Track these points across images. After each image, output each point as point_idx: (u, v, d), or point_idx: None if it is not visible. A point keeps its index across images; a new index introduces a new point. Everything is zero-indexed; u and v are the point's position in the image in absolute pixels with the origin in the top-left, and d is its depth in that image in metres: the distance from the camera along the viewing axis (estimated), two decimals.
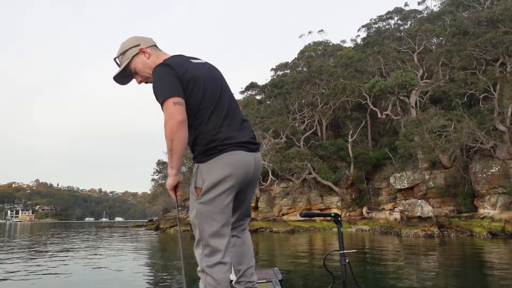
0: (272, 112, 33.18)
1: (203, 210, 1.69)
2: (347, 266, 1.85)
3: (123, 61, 1.87)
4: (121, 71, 1.87)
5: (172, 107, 1.61)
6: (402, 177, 25.17)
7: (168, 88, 1.66)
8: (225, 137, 1.71)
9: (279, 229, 27.28)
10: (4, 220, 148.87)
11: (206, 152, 1.71)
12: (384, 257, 10.85)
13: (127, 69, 1.88)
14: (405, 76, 22.66)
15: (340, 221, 1.94)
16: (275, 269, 2.31)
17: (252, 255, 1.95)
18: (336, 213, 1.98)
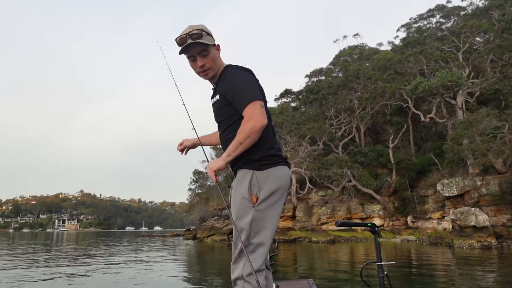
0: (308, 118, 32.41)
1: (259, 217, 1.72)
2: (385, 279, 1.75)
3: (206, 40, 1.88)
4: (203, 44, 1.86)
5: (260, 108, 1.74)
6: (450, 184, 23.49)
7: (256, 91, 1.79)
8: (278, 148, 1.88)
9: (318, 239, 26.30)
10: (52, 229, 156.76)
11: (264, 161, 1.79)
12: (434, 271, 9.82)
13: (208, 49, 1.89)
14: (451, 76, 21.19)
15: (378, 231, 1.87)
16: (309, 280, 2.19)
17: None
18: (373, 223, 1.91)
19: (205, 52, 1.87)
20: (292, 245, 23.68)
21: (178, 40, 1.87)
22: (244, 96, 1.76)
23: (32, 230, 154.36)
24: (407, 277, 8.66)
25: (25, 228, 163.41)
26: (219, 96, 1.91)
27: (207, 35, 1.89)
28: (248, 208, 1.71)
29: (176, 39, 1.87)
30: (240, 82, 1.81)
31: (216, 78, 1.96)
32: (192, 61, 1.91)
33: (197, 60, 1.89)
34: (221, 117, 1.94)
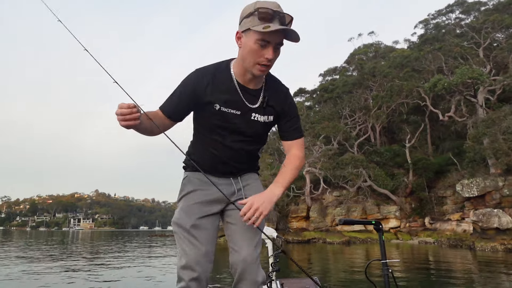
0: (323, 117, 31.89)
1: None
2: (390, 277, 1.74)
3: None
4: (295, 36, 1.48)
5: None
6: (471, 184, 22.69)
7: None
8: None
9: (333, 240, 25.84)
10: (67, 228, 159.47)
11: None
12: (455, 273, 9.35)
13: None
14: (472, 72, 20.42)
15: (382, 229, 1.84)
16: (315, 278, 2.13)
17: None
18: (377, 221, 1.86)
19: (281, 45, 1.51)
20: (306, 246, 23.32)
21: (277, 14, 1.44)
22: (300, 127, 1.72)
23: (49, 228, 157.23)
24: (426, 280, 8.24)
25: (41, 226, 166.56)
26: (273, 111, 1.67)
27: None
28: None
29: (272, 10, 1.43)
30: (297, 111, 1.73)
31: (260, 84, 1.64)
32: (260, 47, 1.46)
33: (271, 50, 1.47)
34: (262, 135, 1.74)
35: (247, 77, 1.58)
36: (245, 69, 1.56)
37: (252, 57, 1.49)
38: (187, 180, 1.77)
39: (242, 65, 1.55)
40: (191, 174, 1.77)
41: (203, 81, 1.58)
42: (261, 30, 1.40)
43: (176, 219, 1.68)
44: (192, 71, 1.63)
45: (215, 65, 1.63)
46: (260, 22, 1.41)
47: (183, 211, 1.68)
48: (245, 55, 1.51)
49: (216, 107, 1.60)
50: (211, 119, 1.63)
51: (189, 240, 1.61)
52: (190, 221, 1.64)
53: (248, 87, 1.61)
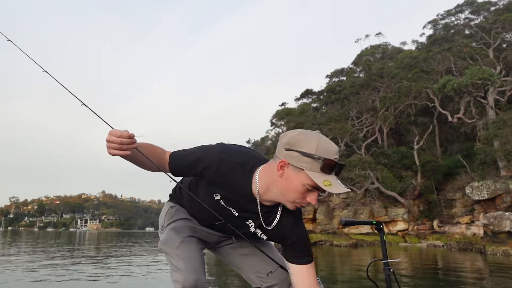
0: (330, 118, 31.68)
1: None
2: (392, 276, 1.75)
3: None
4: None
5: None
6: (481, 187, 22.34)
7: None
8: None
9: (340, 243, 25.62)
10: (74, 229, 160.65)
11: None
12: (465, 278, 9.11)
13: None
14: (482, 73, 20.12)
15: (383, 229, 1.84)
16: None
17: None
18: (378, 221, 1.86)
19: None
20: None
21: (337, 166, 1.31)
22: (310, 251, 1.54)
23: (56, 229, 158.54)
24: (435, 283, 8.04)
25: (49, 227, 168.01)
26: (274, 236, 1.55)
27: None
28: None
29: (335, 162, 1.30)
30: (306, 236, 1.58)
31: (274, 203, 1.48)
32: (307, 190, 1.34)
33: (315, 196, 1.37)
34: (248, 236, 1.60)
35: (269, 197, 1.43)
36: (275, 196, 1.41)
37: (294, 196, 1.35)
38: (178, 208, 1.69)
39: (274, 192, 1.40)
40: (180, 207, 1.70)
41: (219, 168, 1.43)
42: (320, 185, 1.28)
43: (164, 239, 1.57)
44: (216, 147, 1.48)
45: (242, 159, 1.45)
46: (320, 172, 1.28)
47: (173, 231, 1.59)
48: (285, 189, 1.35)
49: (216, 197, 1.50)
50: (205, 200, 1.52)
51: (181, 257, 1.48)
52: (179, 238, 1.54)
53: (262, 202, 1.46)
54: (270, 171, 1.39)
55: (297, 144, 1.31)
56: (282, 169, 1.34)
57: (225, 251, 1.75)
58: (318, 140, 1.30)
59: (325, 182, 1.27)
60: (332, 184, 1.27)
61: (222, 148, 1.48)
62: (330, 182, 1.27)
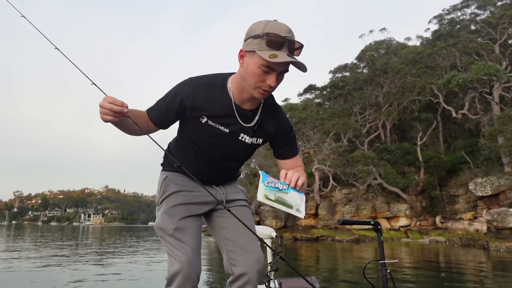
0: (333, 114, 31.53)
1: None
2: (389, 277, 1.77)
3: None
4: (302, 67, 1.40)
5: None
6: (484, 183, 22.21)
7: None
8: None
9: (342, 238, 25.59)
10: (78, 223, 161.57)
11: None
12: (466, 273, 9.04)
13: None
14: (488, 68, 19.91)
15: (381, 230, 1.86)
16: (312, 278, 2.16)
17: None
18: (376, 221, 1.89)
19: (285, 72, 1.43)
20: (315, 244, 23.10)
21: (287, 41, 1.33)
22: (296, 146, 1.70)
23: (60, 223, 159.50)
24: (436, 279, 7.98)
25: (53, 221, 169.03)
26: (264, 133, 1.63)
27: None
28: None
29: (282, 36, 1.33)
30: (292, 128, 1.70)
31: (255, 105, 1.57)
32: (263, 72, 1.38)
33: (274, 78, 1.39)
34: (247, 155, 1.71)
35: (244, 96, 1.51)
36: (244, 89, 1.48)
37: (253, 80, 1.41)
38: (169, 180, 1.74)
39: (242, 84, 1.48)
40: (172, 174, 1.75)
41: (195, 95, 1.51)
42: (266, 59, 1.32)
43: (158, 224, 1.64)
44: (185, 80, 1.56)
45: (212, 78, 1.55)
46: (267, 48, 1.32)
47: (166, 214, 1.64)
48: (246, 76, 1.43)
49: (202, 120, 1.54)
50: (196, 132, 1.58)
51: (176, 243, 1.57)
52: (173, 224, 1.60)
53: (242, 107, 1.54)
54: (238, 72, 1.49)
55: (249, 31, 1.39)
56: (242, 59, 1.43)
57: (213, 226, 1.80)
58: (267, 22, 1.36)
59: (270, 56, 1.30)
60: (278, 56, 1.30)
61: (189, 78, 1.56)
62: (276, 55, 1.31)
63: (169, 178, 1.74)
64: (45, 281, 6.96)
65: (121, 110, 1.32)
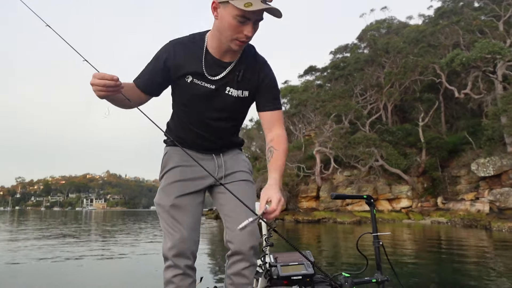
0: (334, 95, 31.16)
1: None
2: (381, 249, 1.81)
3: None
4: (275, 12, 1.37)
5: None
6: (487, 164, 22.06)
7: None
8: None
9: (343, 220, 25.65)
10: (80, 208, 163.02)
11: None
12: (467, 252, 8.97)
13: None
14: (492, 46, 19.45)
15: (373, 204, 1.86)
16: (307, 252, 2.15)
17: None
18: (368, 195, 1.89)
19: (260, 21, 1.41)
20: (316, 226, 23.17)
21: None
22: (280, 99, 1.68)
23: (62, 208, 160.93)
24: (437, 258, 7.90)
25: (55, 206, 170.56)
26: (248, 84, 1.60)
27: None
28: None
29: None
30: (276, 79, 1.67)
31: (235, 57, 1.56)
32: (239, 22, 1.37)
33: (250, 27, 1.39)
34: (239, 111, 1.69)
35: (222, 49, 1.50)
36: (221, 42, 1.47)
37: (229, 32, 1.40)
38: (168, 155, 1.75)
39: (218, 38, 1.47)
40: (172, 149, 1.76)
41: (176, 53, 1.53)
42: (242, 8, 1.30)
43: (157, 199, 1.69)
44: (165, 43, 1.57)
45: (190, 37, 1.57)
46: None
47: (163, 191, 1.68)
48: (222, 29, 1.42)
49: (188, 79, 1.55)
50: (184, 93, 1.59)
51: (170, 220, 1.60)
52: (169, 201, 1.63)
53: (223, 60, 1.54)
54: (214, 27, 1.48)
55: None
56: (216, 11, 1.41)
57: (215, 201, 1.80)
58: None
59: (245, 4, 1.29)
60: (253, 4, 1.29)
61: (169, 40, 1.58)
62: (251, 3, 1.29)
63: (169, 153, 1.75)
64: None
65: (114, 84, 1.30)
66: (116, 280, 5.98)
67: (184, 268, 1.56)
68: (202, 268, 6.65)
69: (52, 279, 5.86)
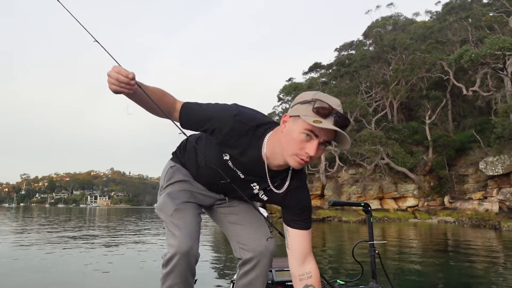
0: (339, 92, 30.82)
1: None
2: (377, 257, 1.80)
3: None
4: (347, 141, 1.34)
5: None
6: (496, 162, 21.64)
7: None
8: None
9: (349, 219, 25.35)
10: (85, 205, 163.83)
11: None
12: (478, 253, 8.65)
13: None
14: (503, 42, 19.01)
15: (370, 211, 1.88)
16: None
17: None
18: (366, 203, 1.90)
19: (328, 145, 1.36)
20: (321, 225, 22.91)
21: (335, 113, 1.27)
22: (310, 219, 1.61)
23: (67, 205, 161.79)
24: (444, 260, 7.61)
25: (60, 203, 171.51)
26: (273, 198, 1.56)
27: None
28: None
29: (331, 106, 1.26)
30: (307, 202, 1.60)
31: (282, 168, 1.47)
32: (305, 137, 1.30)
33: (315, 145, 1.31)
34: (250, 199, 1.64)
35: (276, 160, 1.42)
36: (278, 153, 1.40)
37: (292, 146, 1.32)
38: (177, 169, 1.73)
39: (278, 148, 1.39)
40: (180, 166, 1.73)
41: (232, 131, 1.42)
42: (310, 123, 1.26)
43: (159, 205, 1.65)
44: (231, 108, 1.44)
45: (257, 123, 1.44)
46: (313, 114, 1.27)
47: (168, 196, 1.63)
48: (285, 141, 1.35)
49: (225, 156, 1.50)
50: (213, 158, 1.54)
51: (174, 226, 1.54)
52: (173, 206, 1.59)
53: (270, 166, 1.47)
54: (277, 133, 1.40)
55: (298, 98, 1.35)
56: (284, 123, 1.37)
57: (217, 215, 1.78)
58: (318, 91, 1.34)
59: (315, 121, 1.24)
60: (323, 122, 1.24)
61: (237, 110, 1.44)
62: (321, 121, 1.24)
63: (177, 168, 1.73)
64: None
65: (127, 81, 1.27)
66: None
67: (185, 275, 1.52)
68: (202, 271, 6.40)
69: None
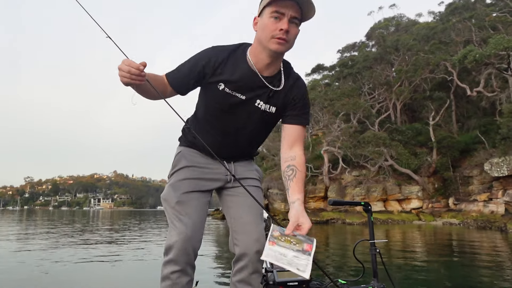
0: (342, 93, 30.66)
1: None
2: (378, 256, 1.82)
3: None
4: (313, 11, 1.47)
5: None
6: (501, 163, 21.43)
7: None
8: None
9: (352, 221, 25.15)
10: (88, 208, 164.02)
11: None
12: (483, 255, 8.49)
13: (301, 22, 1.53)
14: (507, 42, 18.82)
15: (371, 210, 1.91)
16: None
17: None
18: (366, 202, 1.94)
19: (298, 22, 1.46)
20: (324, 227, 22.72)
21: None
22: (309, 114, 1.70)
23: (70, 208, 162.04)
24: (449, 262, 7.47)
25: (63, 206, 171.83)
26: (279, 101, 1.61)
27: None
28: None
29: None
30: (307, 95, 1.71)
31: (274, 72, 1.58)
32: (274, 19, 1.42)
33: (286, 22, 1.41)
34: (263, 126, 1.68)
35: (263, 61, 1.52)
36: (261, 50, 1.50)
37: (267, 32, 1.43)
38: (181, 155, 1.76)
39: (258, 46, 1.50)
40: (186, 149, 1.77)
41: (217, 59, 1.55)
42: (272, 1, 1.39)
43: (163, 195, 1.69)
44: (208, 47, 1.60)
45: (233, 46, 1.59)
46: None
47: (171, 187, 1.68)
48: (260, 34, 1.47)
49: (220, 87, 1.56)
50: (213, 100, 1.60)
51: (175, 216, 1.58)
52: (176, 196, 1.63)
53: (261, 73, 1.56)
54: (254, 43, 1.54)
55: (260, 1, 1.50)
56: (256, 24, 1.50)
57: (223, 203, 1.79)
58: None
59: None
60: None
61: (212, 46, 1.59)
62: None
63: (182, 153, 1.76)
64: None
65: (139, 73, 1.32)
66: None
67: (184, 264, 1.53)
68: (202, 270, 6.29)
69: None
